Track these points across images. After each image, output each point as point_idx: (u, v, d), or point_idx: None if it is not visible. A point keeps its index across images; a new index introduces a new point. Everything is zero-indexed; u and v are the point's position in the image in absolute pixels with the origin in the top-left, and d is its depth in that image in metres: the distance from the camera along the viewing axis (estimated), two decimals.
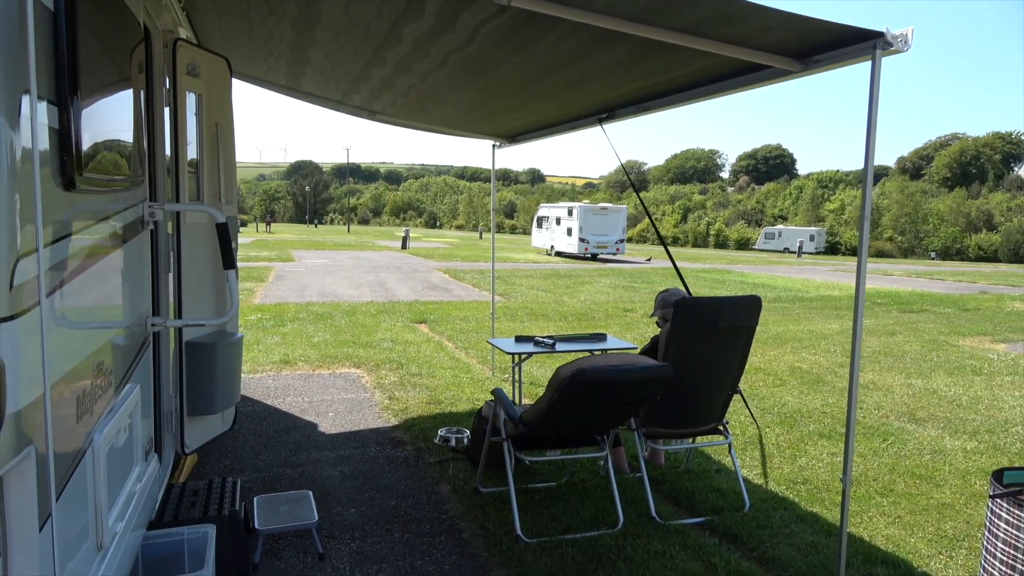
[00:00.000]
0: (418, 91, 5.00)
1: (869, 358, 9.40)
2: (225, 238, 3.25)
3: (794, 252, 53.34)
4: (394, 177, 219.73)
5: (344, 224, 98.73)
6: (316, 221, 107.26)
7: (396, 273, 22.12)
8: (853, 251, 59.14)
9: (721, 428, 4.44)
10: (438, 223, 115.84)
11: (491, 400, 4.25)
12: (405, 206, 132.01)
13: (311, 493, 4.01)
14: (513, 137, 6.86)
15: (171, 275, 3.78)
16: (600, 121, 5.20)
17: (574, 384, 3.38)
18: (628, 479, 4.70)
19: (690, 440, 4.81)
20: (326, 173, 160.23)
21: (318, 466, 4.96)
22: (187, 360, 3.86)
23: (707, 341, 4.10)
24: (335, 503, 4.34)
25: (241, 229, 63.69)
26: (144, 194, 3.02)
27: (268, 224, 72.81)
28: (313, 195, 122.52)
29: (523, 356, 5.57)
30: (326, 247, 37.95)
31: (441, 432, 5.46)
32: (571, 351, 5.36)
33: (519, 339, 5.61)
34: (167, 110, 3.68)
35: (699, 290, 18.59)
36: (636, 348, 5.58)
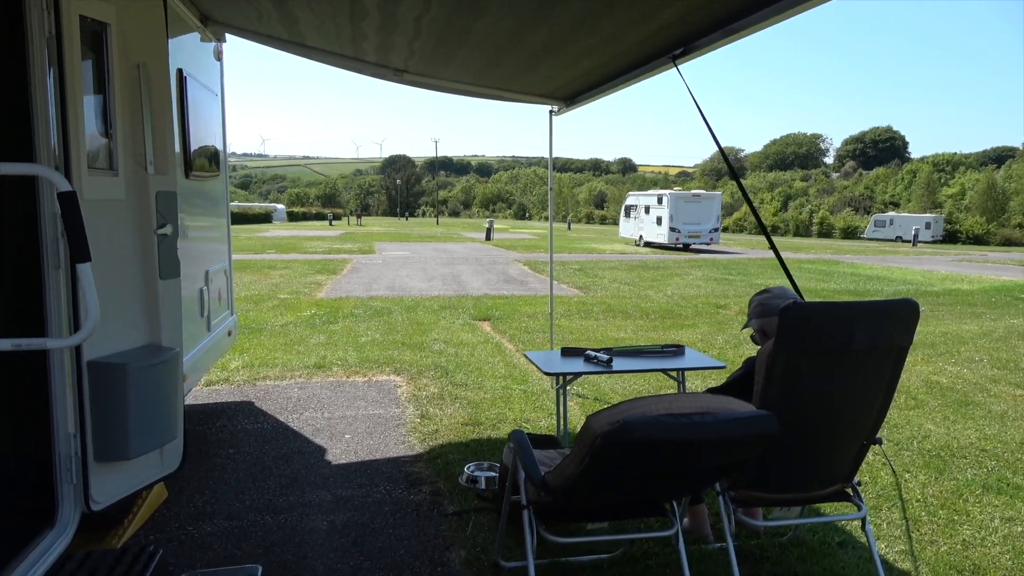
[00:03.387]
0: (429, 25, 3.79)
1: None
2: (74, 216, 2.15)
3: (908, 241, 49.03)
4: (485, 170, 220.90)
5: (434, 216, 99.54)
6: (407, 214, 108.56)
7: (474, 265, 21.15)
8: (976, 240, 53.84)
9: (850, 491, 3.03)
10: (527, 214, 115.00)
11: (511, 444, 3.01)
12: (495, 198, 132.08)
13: (260, 569, 2.92)
14: (570, 99, 5.56)
15: (61, 272, 2.74)
16: (674, 59, 3.84)
17: (612, 447, 2.08)
18: (710, 552, 3.36)
19: (800, 509, 3.38)
20: (419, 167, 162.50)
21: (306, 513, 3.88)
22: (89, 387, 2.82)
23: (833, 368, 2.69)
24: None
25: (334, 223, 65.20)
26: None
27: (359, 217, 74.03)
28: (405, 188, 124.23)
29: (568, 377, 4.25)
30: (411, 239, 37.57)
31: (468, 469, 4.27)
32: (632, 371, 4.04)
33: (566, 352, 4.25)
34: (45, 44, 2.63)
35: (803, 283, 16.58)
36: (724, 368, 4.19)
